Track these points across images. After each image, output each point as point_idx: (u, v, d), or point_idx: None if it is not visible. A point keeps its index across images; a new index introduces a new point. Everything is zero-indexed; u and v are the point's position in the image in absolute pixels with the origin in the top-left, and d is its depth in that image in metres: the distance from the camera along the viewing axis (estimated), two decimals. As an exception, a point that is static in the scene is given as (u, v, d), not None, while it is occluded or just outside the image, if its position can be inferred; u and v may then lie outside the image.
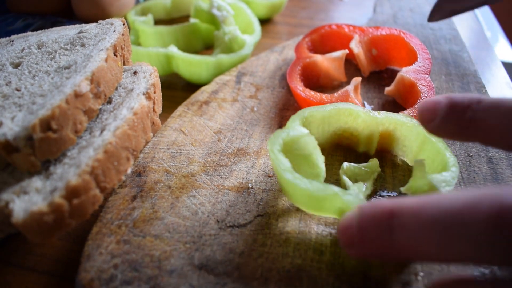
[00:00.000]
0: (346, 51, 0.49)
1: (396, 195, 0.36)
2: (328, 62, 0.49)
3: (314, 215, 0.34)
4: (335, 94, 0.43)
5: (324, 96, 0.43)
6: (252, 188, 0.36)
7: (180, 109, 0.46)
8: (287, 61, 0.56)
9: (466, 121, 0.28)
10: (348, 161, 0.38)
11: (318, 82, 0.50)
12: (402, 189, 0.35)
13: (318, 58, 0.49)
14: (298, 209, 0.34)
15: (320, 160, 0.34)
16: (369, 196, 0.35)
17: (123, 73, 0.40)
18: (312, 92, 0.44)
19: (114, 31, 0.40)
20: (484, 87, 0.49)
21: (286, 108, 0.47)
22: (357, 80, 0.45)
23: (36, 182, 0.29)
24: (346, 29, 0.53)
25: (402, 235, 0.22)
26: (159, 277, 0.29)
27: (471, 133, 0.28)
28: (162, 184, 0.36)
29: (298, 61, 0.49)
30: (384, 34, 0.51)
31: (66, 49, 0.39)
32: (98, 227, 0.32)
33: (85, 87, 0.32)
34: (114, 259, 0.30)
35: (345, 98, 0.42)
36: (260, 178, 0.37)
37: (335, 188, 0.29)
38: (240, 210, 0.34)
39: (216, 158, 0.39)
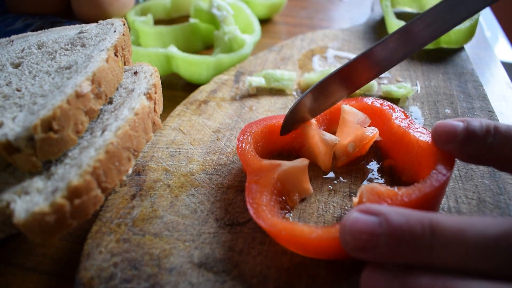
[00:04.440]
0: (306, 162, 0.35)
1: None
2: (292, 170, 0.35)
3: (312, 214, 0.34)
4: (319, 231, 0.28)
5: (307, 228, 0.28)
6: (251, 187, 0.36)
7: (179, 108, 0.46)
8: (285, 60, 0.56)
9: (485, 147, 0.29)
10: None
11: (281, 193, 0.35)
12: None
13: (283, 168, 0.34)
14: (296, 208, 0.34)
15: None
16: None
17: (123, 73, 0.40)
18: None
19: (115, 31, 0.40)
20: (482, 86, 0.49)
21: (284, 107, 0.47)
22: None
23: (37, 182, 0.29)
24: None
25: (443, 253, 0.24)
26: (159, 275, 0.29)
27: (488, 158, 0.30)
28: (161, 183, 0.36)
29: (252, 180, 0.34)
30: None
31: (67, 49, 0.39)
32: (97, 226, 0.32)
33: (86, 87, 0.32)
34: (113, 258, 0.30)
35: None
36: (259, 177, 0.37)
37: None
38: (239, 209, 0.34)
39: (215, 157, 0.40)
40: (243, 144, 0.37)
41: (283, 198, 0.34)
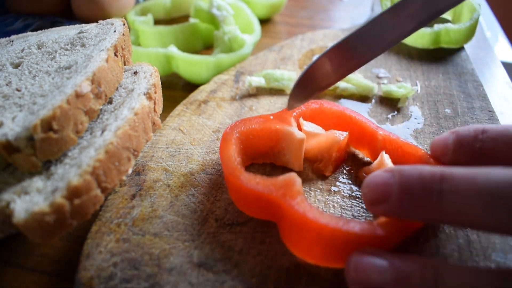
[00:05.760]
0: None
1: None
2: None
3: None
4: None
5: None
6: (251, 187, 0.36)
7: (179, 108, 0.46)
8: (285, 60, 0.56)
9: (476, 152, 0.30)
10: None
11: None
12: None
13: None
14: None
15: None
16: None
17: (123, 73, 0.40)
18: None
19: (115, 31, 0.40)
20: (482, 86, 0.49)
21: (283, 107, 0.47)
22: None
23: (37, 182, 0.29)
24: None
25: (452, 199, 0.24)
26: (159, 275, 0.29)
27: (482, 161, 0.29)
28: (161, 183, 0.36)
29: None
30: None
31: (67, 49, 0.39)
32: (97, 226, 0.32)
33: (86, 87, 0.32)
34: (113, 258, 0.30)
35: None
36: (259, 177, 0.37)
37: None
38: (239, 209, 0.34)
39: (214, 157, 0.40)
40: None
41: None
